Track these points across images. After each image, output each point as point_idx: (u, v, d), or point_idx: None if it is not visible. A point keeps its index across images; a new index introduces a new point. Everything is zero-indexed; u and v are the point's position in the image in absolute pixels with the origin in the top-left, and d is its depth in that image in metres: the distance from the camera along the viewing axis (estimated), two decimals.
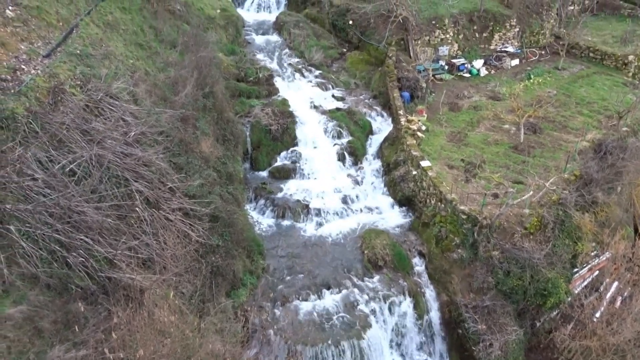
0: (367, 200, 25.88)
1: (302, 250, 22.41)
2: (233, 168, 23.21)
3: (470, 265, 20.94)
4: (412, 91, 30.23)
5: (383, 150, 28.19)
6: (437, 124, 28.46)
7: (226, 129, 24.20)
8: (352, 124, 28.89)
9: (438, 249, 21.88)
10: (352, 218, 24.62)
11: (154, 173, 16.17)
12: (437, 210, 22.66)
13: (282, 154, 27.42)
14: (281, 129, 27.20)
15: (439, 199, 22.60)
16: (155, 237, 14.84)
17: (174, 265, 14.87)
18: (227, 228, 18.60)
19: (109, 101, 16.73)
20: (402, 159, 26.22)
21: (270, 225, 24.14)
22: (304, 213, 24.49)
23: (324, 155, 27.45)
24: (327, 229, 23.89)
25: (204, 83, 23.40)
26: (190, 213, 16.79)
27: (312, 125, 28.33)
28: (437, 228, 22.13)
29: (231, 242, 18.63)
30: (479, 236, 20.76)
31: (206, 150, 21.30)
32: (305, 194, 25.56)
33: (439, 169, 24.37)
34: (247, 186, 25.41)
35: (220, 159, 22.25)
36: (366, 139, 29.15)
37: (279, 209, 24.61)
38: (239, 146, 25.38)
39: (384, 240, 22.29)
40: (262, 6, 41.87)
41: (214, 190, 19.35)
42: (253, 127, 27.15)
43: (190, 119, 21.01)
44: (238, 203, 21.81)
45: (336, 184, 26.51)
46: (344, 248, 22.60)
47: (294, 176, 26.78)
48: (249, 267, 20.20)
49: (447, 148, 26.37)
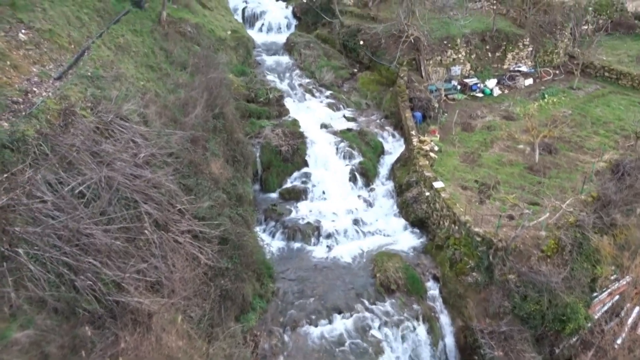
0: (379, 222, 25.73)
1: (312, 273, 22.23)
2: (243, 189, 23.17)
3: (485, 289, 20.69)
4: (424, 111, 30.35)
5: (395, 171, 28.12)
6: (450, 144, 28.30)
7: (236, 150, 24.27)
8: (364, 144, 28.89)
9: (452, 272, 21.63)
10: (363, 240, 24.47)
11: (164, 195, 16.15)
12: (451, 232, 22.48)
13: (293, 175, 27.35)
14: (291, 150, 27.24)
15: (453, 220, 22.43)
16: (164, 260, 14.77)
17: (182, 288, 14.80)
18: (236, 251, 18.47)
19: (119, 123, 16.86)
20: (414, 180, 26.11)
21: (281, 247, 24.03)
22: (314, 235, 24.37)
23: (335, 176, 27.33)
24: (338, 251, 23.73)
25: (214, 104, 23.52)
26: (200, 235, 16.71)
27: (323, 146, 28.28)
28: (451, 251, 21.94)
29: (241, 265, 18.54)
30: (494, 259, 20.57)
31: (216, 171, 21.35)
32: (315, 216, 25.44)
33: (453, 190, 24.19)
34: (257, 208, 25.34)
35: (230, 181, 22.25)
36: (378, 160, 29.06)
37: (289, 231, 24.50)
38: (249, 167, 25.39)
39: (396, 263, 22.10)
40: (273, 27, 42.49)
41: (223, 212, 19.24)
42: (263, 148, 27.19)
43: (200, 140, 21.05)
44: (248, 225, 21.69)
45: (347, 205, 26.35)
46: (355, 271, 22.38)
47: (304, 198, 26.65)
48: (259, 291, 20.09)
49: (460, 169, 26.21)
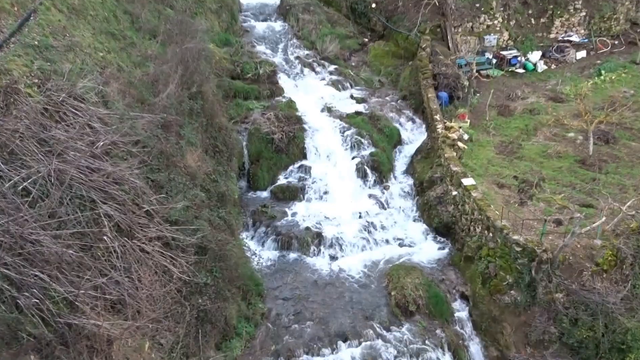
0: (394, 228, 25.64)
1: (312, 290, 22.32)
2: (226, 187, 23.16)
3: (526, 311, 20.78)
4: (451, 91, 30.33)
5: (415, 165, 27.85)
6: (483, 131, 28.09)
7: (218, 138, 24.11)
8: (376, 132, 28.79)
9: (485, 290, 21.69)
10: (375, 250, 24.49)
11: (127, 193, 16.05)
12: (484, 240, 22.50)
13: (288, 169, 27.18)
14: (286, 139, 27.13)
15: (486, 226, 22.40)
16: (128, 274, 14.69)
17: (150, 308, 14.68)
18: (217, 262, 18.58)
19: (72, 104, 16.68)
20: (438, 175, 25.98)
21: (272, 259, 24.05)
22: (314, 244, 24.34)
23: (340, 171, 27.08)
24: (343, 263, 23.77)
25: (191, 81, 23.45)
26: (172, 243, 16.74)
27: (326, 134, 28.01)
28: (483, 263, 21.98)
29: (223, 280, 18.65)
30: (537, 274, 20.63)
31: (192, 164, 21.34)
32: (316, 220, 25.33)
33: (486, 188, 24.05)
34: (243, 210, 25.19)
35: (209, 176, 22.31)
36: (393, 151, 28.94)
37: (283, 238, 24.39)
38: (233, 159, 25.36)
39: (416, 278, 22.16)
40: None
41: (201, 214, 19.34)
42: (251, 136, 27.15)
43: (173, 125, 21.16)
44: (232, 231, 21.83)
45: (355, 207, 26.12)
46: (365, 288, 22.49)
47: (302, 197, 26.50)
48: (245, 312, 20.14)
49: (495, 162, 25.99)
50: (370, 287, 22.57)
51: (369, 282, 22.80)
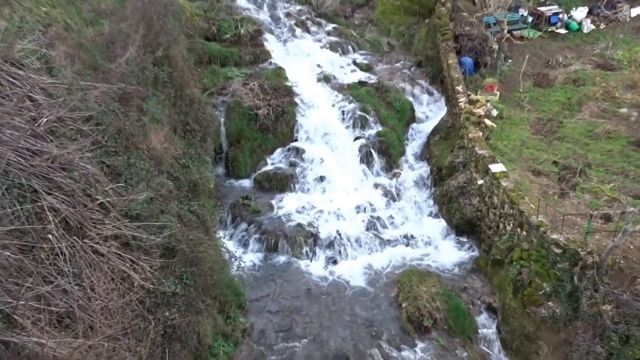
0: (406, 225, 25.64)
1: (304, 302, 22.31)
2: (199, 174, 23.07)
3: (567, 327, 20.71)
4: (476, 56, 30.92)
5: (431, 148, 27.81)
6: (516, 106, 27.91)
7: (189, 114, 23.96)
8: (384, 106, 28.93)
9: (517, 302, 21.58)
10: (382, 252, 24.51)
11: (77, 181, 15.72)
12: (516, 240, 22.34)
13: (275, 152, 27.05)
14: (274, 115, 27.17)
15: (519, 222, 22.24)
16: (78, 281, 14.34)
17: (105, 323, 14.41)
18: (188, 267, 18.49)
19: (9, 70, 16.27)
20: (461, 160, 25.93)
21: (256, 262, 24.02)
22: (308, 244, 24.29)
23: (339, 155, 27.02)
24: (344, 268, 23.74)
25: (156, 43, 23.16)
26: (132, 244, 16.54)
27: (322, 109, 27.92)
28: (515, 269, 21.81)
29: (195, 289, 18.61)
30: (581, 281, 20.51)
31: (158, 146, 21.22)
32: (310, 215, 25.29)
33: (519, 176, 23.87)
34: (220, 202, 25.04)
35: (179, 160, 22.22)
36: (405, 130, 29.05)
37: (270, 237, 24.29)
38: (208, 140, 25.22)
39: (432, 287, 22.21)
40: None
41: (168, 208, 19.20)
42: (230, 111, 27.23)
43: (133, 98, 21.05)
44: (206, 228, 21.73)
45: (358, 199, 26.04)
46: (371, 299, 22.47)
47: (292, 187, 26.50)
48: (223, 328, 20.10)
49: (531, 144, 25.81)
50: (376, 297, 22.52)
51: (374, 292, 22.76)
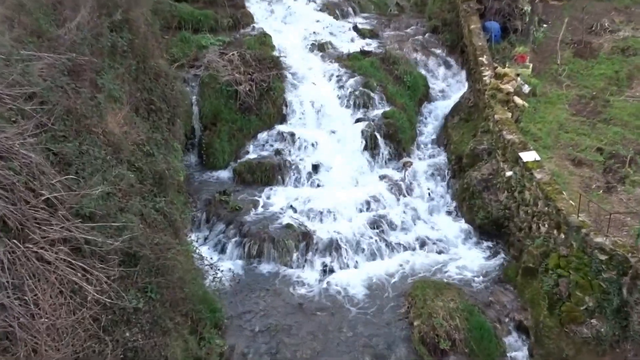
0: (418, 225, 24.74)
1: (295, 319, 21.43)
2: (166, 164, 22.04)
3: (614, 349, 19.57)
4: (504, 20, 30.18)
5: (450, 132, 27.23)
6: (553, 81, 27.13)
7: (154, 91, 23.28)
8: (392, 81, 27.99)
9: (553, 319, 20.42)
10: (389, 259, 23.53)
11: (17, 173, 15.21)
12: (552, 244, 21.11)
13: (260, 137, 26.53)
14: (257, 92, 26.30)
15: (556, 223, 21.01)
16: (19, 294, 13.98)
17: (52, 346, 13.87)
18: (153, 277, 17.24)
19: None
20: (485, 147, 25.15)
21: (237, 271, 22.97)
22: (299, 250, 23.27)
23: (337, 140, 26.41)
24: (342, 279, 22.73)
25: (113, 4, 22.33)
26: (85, 249, 15.56)
27: (317, 85, 27.24)
28: (551, 279, 20.58)
29: (162, 304, 17.35)
30: (631, 294, 19.15)
31: (116, 130, 20.23)
32: (302, 214, 24.55)
33: (556, 166, 23.06)
34: (192, 198, 24.45)
35: (142, 147, 21.36)
36: (418, 111, 28.20)
37: (253, 241, 23.33)
38: (177, 123, 24.48)
39: (450, 301, 21.27)
40: None
41: (129, 205, 18.11)
42: (204, 88, 26.39)
43: (86, 71, 20.23)
44: (175, 230, 20.65)
45: (361, 194, 25.25)
46: (375, 316, 21.52)
47: (281, 180, 25.76)
48: (195, 352, 18.98)
49: (570, 127, 25.22)
50: (382, 313, 21.55)
51: (380, 307, 21.74)
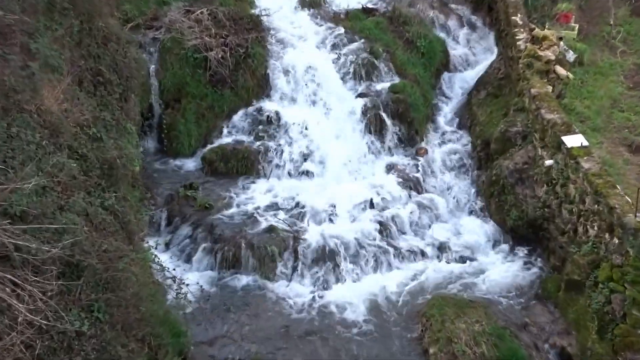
0: (435, 227, 22.99)
1: (280, 345, 19.86)
2: (118, 150, 20.74)
3: None
4: None
5: (474, 110, 25.86)
6: (604, 46, 26.16)
7: (102, 59, 22.17)
8: (402, 47, 26.62)
9: (605, 345, 18.94)
10: (400, 270, 21.74)
11: None
12: (604, 251, 19.45)
13: (236, 117, 24.67)
14: (233, 60, 24.62)
15: (608, 225, 19.27)
16: None
17: None
18: (101, 293, 15.85)
19: None
20: (519, 130, 23.58)
21: (206, 286, 21.21)
22: (285, 258, 21.48)
23: (333, 121, 24.73)
24: (339, 295, 21.04)
25: None
26: (15, 257, 14.58)
27: (307, 51, 25.90)
28: (602, 295, 19.08)
29: (111, 327, 15.88)
30: None
31: (54, 107, 19.01)
32: (289, 214, 22.84)
33: (609, 153, 21.65)
34: (150, 193, 22.99)
35: (86, 130, 19.93)
36: (435, 84, 26.84)
37: (227, 247, 21.47)
38: (131, 99, 23.33)
39: (475, 323, 19.90)
40: None
41: (71, 202, 16.84)
42: (166, 55, 24.93)
43: (15, 33, 19.40)
44: (129, 233, 19.26)
45: (363, 189, 23.49)
46: (381, 341, 20.06)
47: (262, 170, 23.89)
48: None
49: (627, 104, 24.04)
50: (389, 338, 19.94)
51: (386, 330, 20.19)
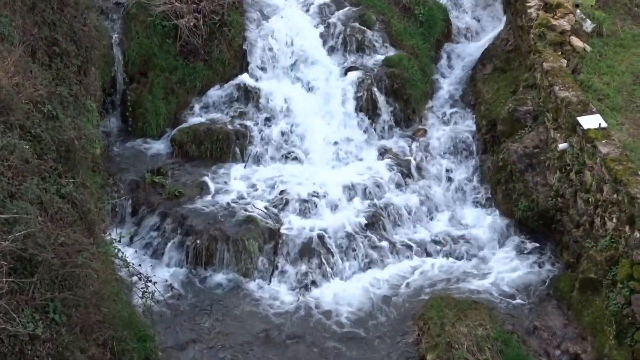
0: (435, 218, 22.31)
1: (259, 352, 19.16)
2: (76, 130, 19.68)
3: None
4: None
5: (479, 87, 25.06)
6: (626, 14, 25.30)
7: (57, 26, 21.40)
8: (398, 14, 25.73)
9: (624, 351, 18.21)
10: (394, 267, 20.86)
11: None
12: (623, 246, 18.53)
13: (210, 93, 23.63)
14: (207, 28, 23.65)
15: (629, 216, 18.32)
16: None
17: None
18: (57, 292, 15.42)
19: None
20: (529, 109, 22.88)
21: (176, 285, 20.58)
22: (265, 253, 20.66)
23: (319, 98, 23.83)
24: (326, 295, 20.26)
25: None
26: None
27: (290, 18, 24.84)
28: (621, 295, 18.28)
29: (69, 330, 15.55)
30: None
31: (4, 81, 17.98)
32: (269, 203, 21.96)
33: (630, 136, 20.71)
34: (113, 179, 22.00)
35: (41, 107, 19.06)
36: (435, 57, 25.95)
37: (199, 241, 20.67)
38: (91, 72, 22.38)
39: (478, 326, 19.38)
40: None
41: (23, 189, 16.39)
42: (131, 22, 23.92)
43: None
44: (88, 225, 18.41)
45: (353, 175, 22.61)
46: (373, 347, 19.68)
47: (238, 154, 23.07)
48: None
49: None
50: (381, 343, 19.27)
51: (379, 334, 19.50)
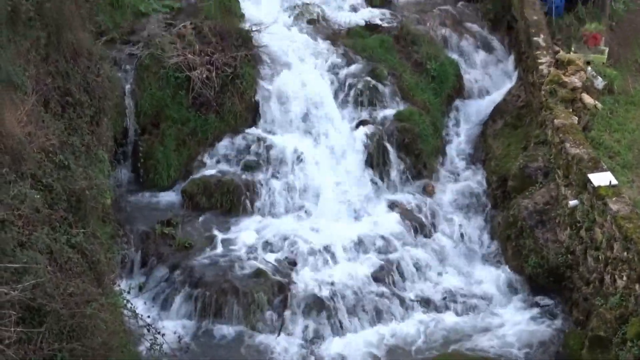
0: (445, 274, 22.10)
1: None
2: (87, 181, 19.54)
3: None
4: None
5: (490, 143, 25.32)
6: (637, 72, 25.53)
7: (71, 77, 21.20)
8: (410, 69, 25.68)
9: None
10: (404, 322, 20.69)
11: None
12: (634, 304, 18.74)
13: (221, 145, 23.52)
14: (219, 81, 23.62)
15: (639, 274, 18.66)
16: None
17: None
18: (65, 342, 14.92)
19: None
20: (540, 166, 23.07)
21: (185, 336, 20.02)
22: (274, 306, 20.61)
23: (330, 151, 23.99)
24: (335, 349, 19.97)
25: None
26: None
27: (302, 72, 24.65)
28: (630, 353, 18.31)
29: None
30: None
31: (16, 131, 18.16)
32: (279, 255, 21.71)
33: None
34: (123, 230, 21.83)
35: (52, 157, 19.02)
36: (446, 112, 25.91)
37: (209, 293, 20.62)
38: (103, 123, 22.30)
39: None
40: None
41: (33, 239, 15.97)
42: (144, 73, 23.76)
43: None
44: (98, 275, 18.23)
45: (362, 229, 22.41)
46: None
47: (249, 206, 22.81)
48: None
49: None
50: None
51: None
